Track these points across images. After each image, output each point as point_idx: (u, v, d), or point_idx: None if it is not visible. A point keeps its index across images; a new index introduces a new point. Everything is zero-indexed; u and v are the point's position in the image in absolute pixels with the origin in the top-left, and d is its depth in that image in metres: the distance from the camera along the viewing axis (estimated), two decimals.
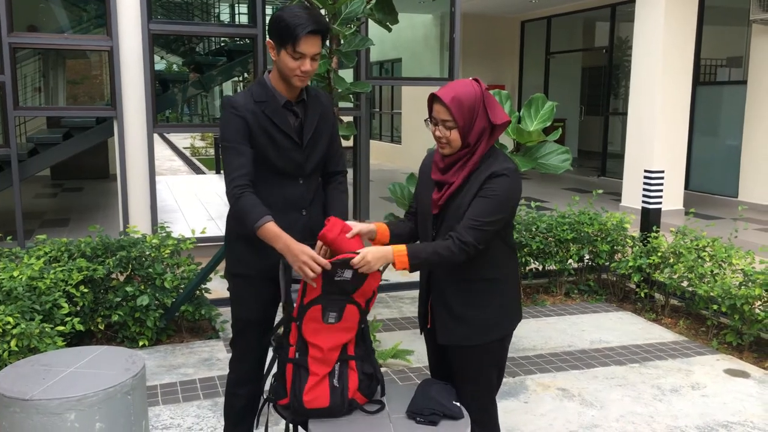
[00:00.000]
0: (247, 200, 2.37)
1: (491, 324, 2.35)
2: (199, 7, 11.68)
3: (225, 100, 2.50)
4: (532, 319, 5.07)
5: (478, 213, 2.21)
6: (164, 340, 4.51)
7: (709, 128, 9.87)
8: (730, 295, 4.43)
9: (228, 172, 2.43)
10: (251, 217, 2.34)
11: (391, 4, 4.19)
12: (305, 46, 2.37)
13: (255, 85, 2.53)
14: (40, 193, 10.62)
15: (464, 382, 2.44)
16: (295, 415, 2.33)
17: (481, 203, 2.22)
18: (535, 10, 13.14)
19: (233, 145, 2.44)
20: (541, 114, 3.91)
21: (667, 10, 8.20)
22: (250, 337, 2.68)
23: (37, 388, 2.33)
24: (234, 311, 2.70)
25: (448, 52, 7.09)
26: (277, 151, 2.49)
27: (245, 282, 2.62)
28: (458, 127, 2.22)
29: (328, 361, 2.31)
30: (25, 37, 6.16)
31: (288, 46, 2.37)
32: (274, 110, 2.48)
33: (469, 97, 2.22)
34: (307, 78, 2.46)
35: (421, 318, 2.55)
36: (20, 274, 3.75)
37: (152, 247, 4.48)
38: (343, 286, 2.25)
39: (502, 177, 2.22)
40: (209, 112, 26.82)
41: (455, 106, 2.21)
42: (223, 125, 2.48)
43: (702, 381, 4.03)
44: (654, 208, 5.43)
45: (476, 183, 2.25)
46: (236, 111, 2.45)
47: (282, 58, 2.41)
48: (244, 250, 2.57)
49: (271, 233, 2.31)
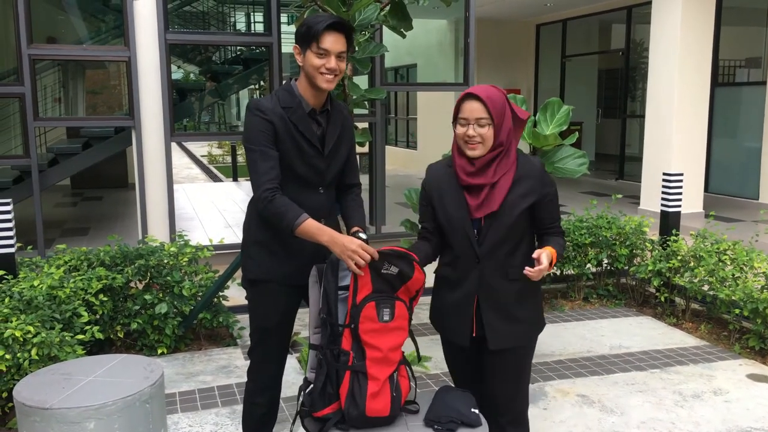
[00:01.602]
0: (280, 201, 2.39)
1: (538, 320, 2.47)
2: (215, 16, 11.78)
3: (251, 103, 2.49)
4: (550, 324, 5.03)
5: (555, 216, 2.42)
6: (182, 348, 4.54)
7: (729, 130, 9.75)
8: (752, 299, 4.37)
9: (256, 176, 2.42)
10: (289, 216, 2.35)
11: (405, 10, 4.19)
12: (328, 42, 2.41)
13: (281, 91, 2.53)
14: (60, 202, 10.74)
15: (506, 384, 2.44)
16: (351, 424, 2.26)
17: (551, 207, 2.40)
18: (550, 14, 13.09)
19: (261, 148, 2.44)
20: (557, 118, 3.88)
21: (684, 11, 8.13)
22: (269, 344, 2.67)
23: (56, 397, 2.34)
24: (253, 319, 2.70)
25: (463, 57, 7.08)
26: (300, 157, 2.50)
27: (264, 289, 2.62)
28: (493, 123, 2.28)
29: (390, 361, 2.28)
30: (44, 49, 6.24)
31: (312, 45, 2.42)
32: (299, 117, 2.49)
33: (498, 96, 2.32)
34: (334, 79, 2.47)
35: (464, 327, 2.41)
36: (40, 284, 3.79)
37: (170, 255, 4.51)
38: (391, 280, 2.28)
39: (551, 180, 2.41)
40: (226, 120, 27.01)
41: (491, 103, 2.28)
42: (249, 128, 2.48)
43: (724, 386, 3.98)
44: (673, 212, 5.37)
45: (525, 184, 2.34)
46: (264, 114, 2.45)
47: (307, 58, 2.45)
48: (262, 257, 2.58)
49: (314, 227, 2.34)
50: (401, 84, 16.77)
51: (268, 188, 2.39)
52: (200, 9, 11.52)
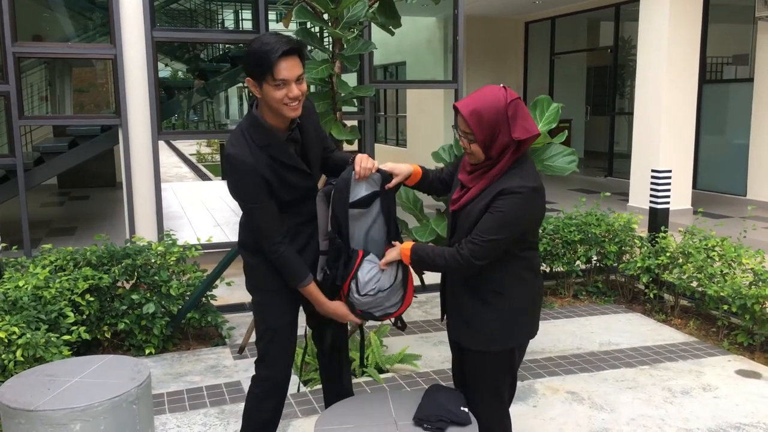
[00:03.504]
0: (289, 258, 2.45)
1: (495, 334, 2.33)
2: (202, 14, 11.72)
3: (231, 158, 2.35)
4: (540, 321, 5.02)
5: (480, 228, 2.19)
6: (170, 348, 4.50)
7: (717, 126, 9.81)
8: (740, 295, 4.39)
9: (261, 232, 2.44)
10: (296, 275, 2.48)
11: (393, 7, 4.17)
12: (284, 71, 2.24)
13: (250, 128, 2.38)
14: (46, 202, 10.66)
15: (474, 386, 2.45)
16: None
17: (486, 219, 2.19)
18: (539, 11, 13.10)
19: (260, 206, 2.39)
20: (547, 116, 3.88)
21: (672, 9, 8.16)
22: (280, 343, 2.63)
23: (42, 398, 2.32)
24: (261, 322, 2.64)
25: (452, 54, 7.07)
26: (291, 193, 2.45)
27: (271, 294, 2.60)
28: (477, 141, 2.18)
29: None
30: (29, 47, 6.18)
31: (267, 77, 2.25)
32: (279, 151, 2.39)
33: (489, 111, 2.15)
34: (299, 105, 2.35)
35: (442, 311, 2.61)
36: (26, 284, 3.75)
37: (158, 254, 4.47)
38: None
39: (513, 195, 2.15)
40: (215, 119, 26.91)
41: (474, 120, 2.15)
42: (240, 186, 2.39)
43: (713, 382, 3.99)
44: (662, 208, 5.39)
45: (488, 196, 2.21)
46: (253, 171, 2.34)
47: (266, 91, 2.29)
48: (264, 270, 2.56)
49: (312, 293, 2.51)
50: (390, 81, 16.75)
51: (276, 242, 2.43)
52: (188, 6, 11.46)
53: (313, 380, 3.87)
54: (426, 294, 5.39)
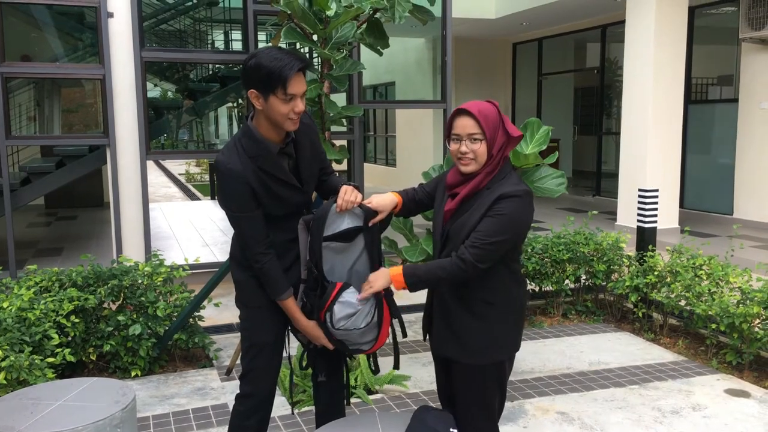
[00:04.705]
0: (270, 269, 2.47)
1: (484, 347, 2.34)
2: (192, 34, 11.75)
3: (221, 165, 2.39)
4: (529, 341, 5.02)
5: (482, 232, 2.22)
6: (157, 370, 4.45)
7: (702, 146, 9.90)
8: (728, 314, 4.40)
9: (245, 241, 2.47)
10: (276, 288, 2.50)
11: (381, 28, 4.20)
12: (296, 86, 2.32)
13: (243, 138, 2.42)
14: (33, 222, 10.57)
15: (463, 403, 2.44)
16: None
17: (487, 222, 2.23)
18: (526, 32, 13.25)
19: (245, 214, 2.43)
20: (537, 138, 3.91)
21: (657, 31, 8.27)
22: (264, 360, 2.63)
23: (24, 422, 2.28)
24: (247, 338, 2.66)
25: (441, 75, 7.12)
26: (280, 203, 2.48)
27: (257, 311, 2.61)
28: (486, 139, 2.25)
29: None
30: (17, 67, 6.17)
31: (278, 91, 2.30)
32: (270, 163, 2.41)
33: (491, 111, 2.30)
34: (299, 119, 2.40)
35: (425, 329, 2.58)
36: (9, 305, 3.70)
37: (144, 275, 4.43)
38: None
39: (513, 198, 2.23)
40: (204, 138, 26.89)
41: (483, 118, 2.26)
42: (227, 194, 2.42)
43: (702, 402, 3.98)
44: (649, 227, 5.42)
45: (485, 203, 2.25)
46: (239, 178, 2.37)
47: (272, 104, 2.33)
48: (253, 287, 2.57)
49: (291, 308, 2.54)
50: (379, 102, 16.82)
51: (259, 252, 2.45)
52: (177, 27, 11.49)
53: (302, 402, 3.83)
54: (416, 314, 5.37)
